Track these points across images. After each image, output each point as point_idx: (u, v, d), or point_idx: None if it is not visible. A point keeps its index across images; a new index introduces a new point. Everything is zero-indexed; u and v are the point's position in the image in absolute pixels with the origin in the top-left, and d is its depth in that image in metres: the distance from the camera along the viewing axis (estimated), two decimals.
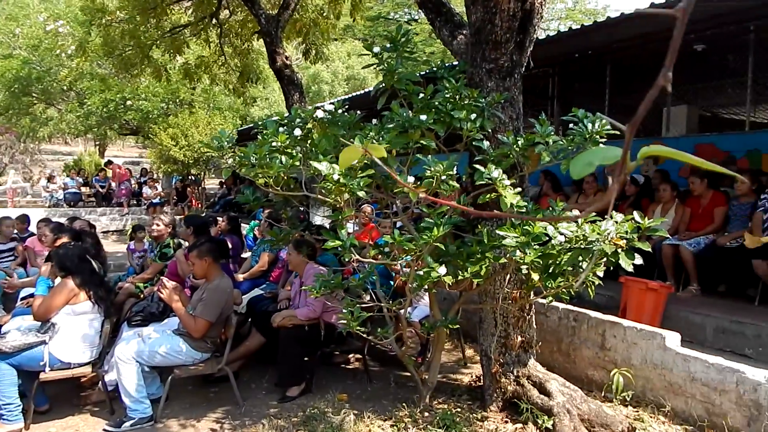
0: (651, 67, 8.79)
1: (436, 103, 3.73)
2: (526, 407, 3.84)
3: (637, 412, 3.96)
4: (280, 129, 3.84)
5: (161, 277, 4.62)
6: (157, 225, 6.08)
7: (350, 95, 12.02)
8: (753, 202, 5.79)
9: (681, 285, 6.00)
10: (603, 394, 4.22)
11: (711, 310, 5.31)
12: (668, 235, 4.75)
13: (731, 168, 6.41)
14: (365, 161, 3.25)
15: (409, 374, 4.27)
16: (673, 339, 4.02)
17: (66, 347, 4.10)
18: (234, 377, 4.38)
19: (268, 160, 3.57)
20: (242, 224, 8.25)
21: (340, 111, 3.89)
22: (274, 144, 3.69)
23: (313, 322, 4.54)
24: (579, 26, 7.59)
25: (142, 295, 5.65)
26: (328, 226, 4.99)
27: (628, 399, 4.07)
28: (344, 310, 3.65)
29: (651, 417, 3.89)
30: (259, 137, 3.76)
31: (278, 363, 4.57)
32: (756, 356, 4.70)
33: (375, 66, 4.00)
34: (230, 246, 6.31)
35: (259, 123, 4.15)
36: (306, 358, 4.65)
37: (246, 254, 7.06)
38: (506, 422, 3.88)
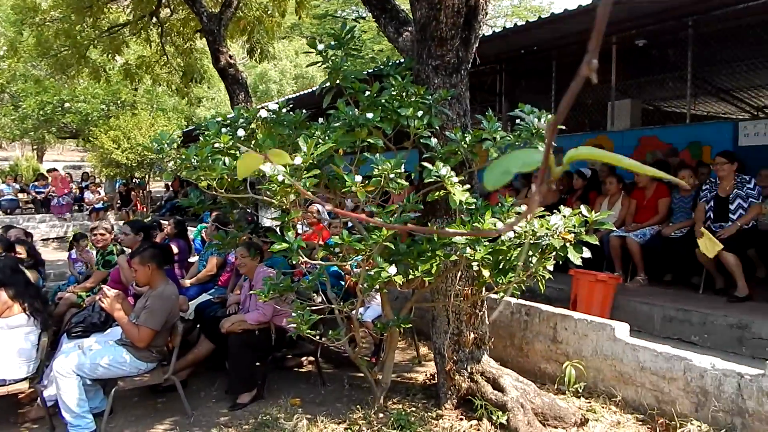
0: (599, 64, 8.96)
1: (383, 100, 3.68)
2: (481, 404, 3.84)
3: (590, 403, 4.01)
4: (223, 130, 3.72)
5: (102, 286, 4.43)
6: (102, 234, 5.83)
7: (297, 94, 11.88)
8: (695, 193, 5.97)
9: (629, 275, 6.14)
10: (556, 387, 4.26)
11: (658, 299, 5.45)
12: (615, 228, 4.83)
13: (673, 160, 6.63)
14: (311, 161, 3.17)
15: (363, 375, 4.22)
16: (622, 329, 4.09)
17: (0, 363, 3.88)
18: (182, 386, 4.23)
19: (210, 162, 3.45)
20: (190, 227, 8.03)
21: (284, 110, 3.80)
22: (216, 145, 3.57)
23: (264, 326, 4.43)
24: (524, 23, 7.68)
25: (83, 305, 5.41)
26: (276, 228, 4.89)
27: (581, 390, 4.12)
28: (294, 314, 3.56)
29: (603, 407, 3.94)
30: (201, 138, 3.64)
31: (228, 370, 4.45)
32: (702, 343, 4.84)
33: (320, 64, 3.93)
34: (177, 250, 6.12)
35: (202, 124, 4.02)
36: (257, 364, 4.54)
37: (193, 258, 6.86)
38: (461, 419, 3.87)
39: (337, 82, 3.82)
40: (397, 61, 4.25)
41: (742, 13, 6.99)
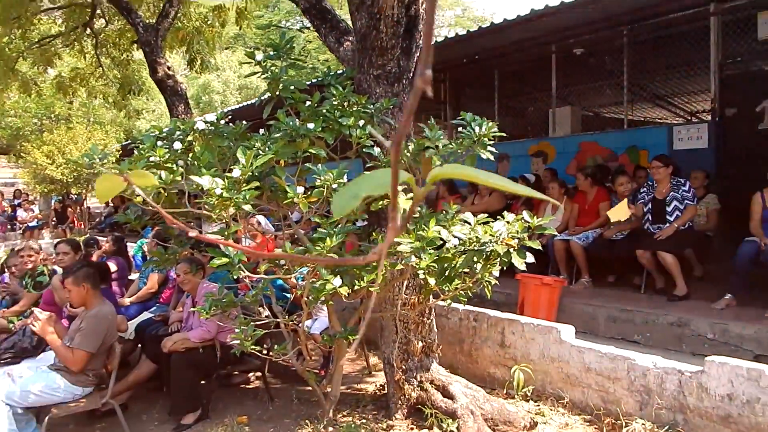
0: (534, 71, 9.19)
1: (324, 110, 3.64)
2: (431, 412, 3.82)
3: (538, 406, 4.05)
4: (159, 143, 3.60)
5: (34, 309, 4.20)
6: (29, 255, 5.54)
7: (238, 105, 11.70)
8: (632, 197, 6.15)
9: (574, 278, 6.26)
10: (505, 391, 4.28)
11: (602, 300, 5.57)
12: (557, 233, 4.92)
13: (612, 164, 6.82)
14: (250, 172, 3.09)
15: (312, 389, 4.14)
16: (567, 332, 4.15)
17: None
18: (122, 410, 4.05)
19: None
20: (131, 243, 7.77)
21: (223, 122, 3.71)
22: (152, 159, 3.45)
23: (208, 343, 4.29)
24: (465, 32, 7.80)
25: (13, 329, 5.12)
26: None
27: (529, 394, 4.16)
28: (237, 330, 3.46)
29: (551, 410, 3.98)
30: (135, 152, 3.51)
31: (171, 390, 4.28)
32: (644, 342, 4.97)
33: (259, 74, 3.86)
34: (115, 268, 5.89)
35: (137, 137, 3.88)
36: (202, 382, 4.39)
37: (134, 276, 6.62)
38: (412, 429, 3.84)
39: (277, 92, 3.76)
40: (339, 71, 4.22)
41: (672, 22, 7.29)
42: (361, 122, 3.62)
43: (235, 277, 3.50)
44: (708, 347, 4.54)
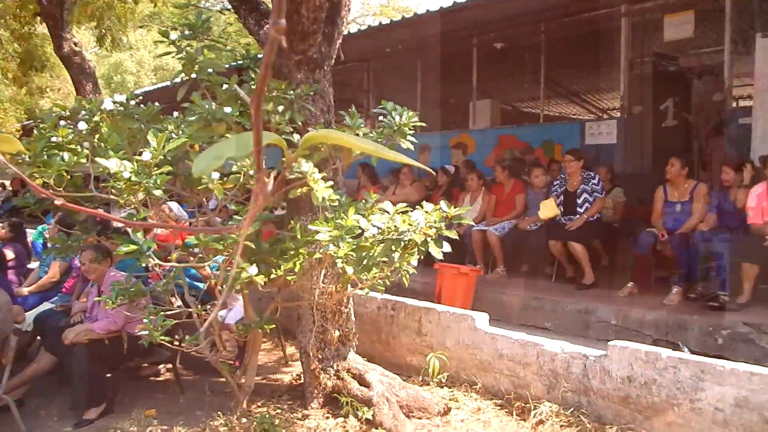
0: (456, 64, 9.32)
1: (242, 94, 3.54)
2: (347, 400, 3.82)
3: (452, 392, 4.13)
4: (62, 122, 3.38)
5: None
6: None
7: (153, 86, 11.22)
8: (547, 190, 6.38)
9: (490, 268, 6.44)
10: (421, 378, 4.34)
11: (516, 289, 5.76)
12: (473, 223, 5.03)
13: (528, 157, 7.07)
14: (162, 156, 2.96)
15: (226, 380, 4.04)
16: (482, 320, 4.25)
17: None
18: (17, 406, 3.81)
19: (45, 157, 3.11)
20: (30, 230, 7.30)
21: (133, 103, 3.52)
22: (53, 139, 3.23)
23: (114, 335, 4.09)
24: (388, 22, 7.81)
25: None
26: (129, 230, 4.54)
27: (444, 380, 4.23)
28: (145, 320, 3.31)
29: (465, 395, 4.07)
30: (36, 132, 3.28)
31: (73, 384, 4.06)
32: (554, 328, 5.18)
33: (173, 55, 3.69)
34: (12, 255, 5.51)
35: (38, 116, 3.64)
36: (108, 375, 4.19)
37: (34, 264, 6.22)
38: (327, 418, 3.82)
39: (193, 74, 3.61)
40: (258, 55, 4.11)
41: (587, 21, 7.59)
42: (281, 108, 3.54)
43: (144, 265, 3.35)
44: (612, 333, 4.78)
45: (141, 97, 3.71)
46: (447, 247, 3.46)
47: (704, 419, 3.16)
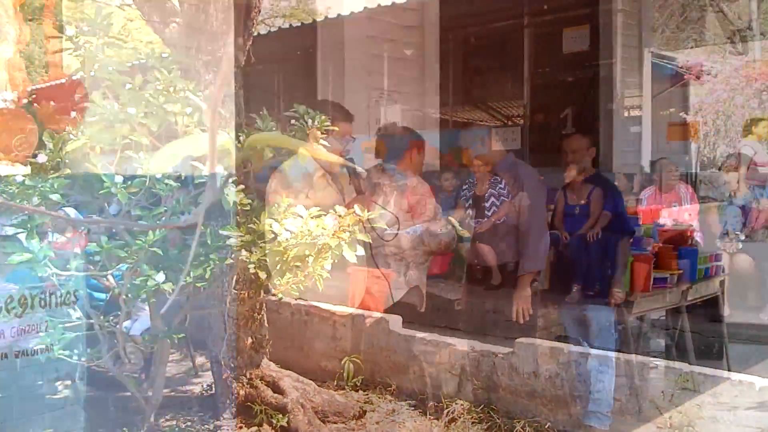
0: (372, 70, 9.41)
1: (147, 95, 3.40)
2: (260, 409, 3.75)
3: (367, 395, 4.15)
4: None
5: None
6: None
7: (47, 83, 10.56)
8: (456, 193, 6.56)
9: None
10: (336, 383, 4.33)
11: (429, 291, 5.88)
12: (386, 226, 5.09)
13: (439, 163, 7.21)
14: (59, 158, 2.80)
15: (131, 395, 3.85)
16: (395, 322, 4.31)
17: None
18: None
19: None
20: None
21: (26, 101, 3.31)
22: None
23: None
24: (299, 24, 7.77)
25: None
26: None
27: (359, 384, 4.25)
28: (42, 334, 3.11)
29: (379, 398, 4.11)
30: None
31: None
32: (466, 328, 5.32)
33: (71, 51, 3.50)
34: None
35: None
36: None
37: None
38: (241, 428, 3.74)
39: (92, 72, 3.44)
40: (164, 54, 3.97)
41: (493, 31, 7.90)
42: (189, 110, 3.43)
43: (39, 275, 3.15)
44: (519, 331, 4.97)
45: (35, 96, 3.48)
46: (361, 251, 3.48)
47: None
